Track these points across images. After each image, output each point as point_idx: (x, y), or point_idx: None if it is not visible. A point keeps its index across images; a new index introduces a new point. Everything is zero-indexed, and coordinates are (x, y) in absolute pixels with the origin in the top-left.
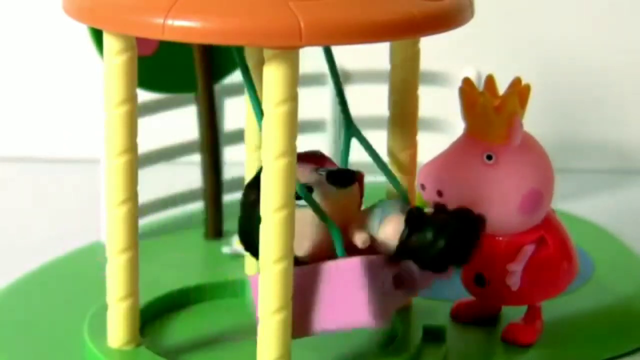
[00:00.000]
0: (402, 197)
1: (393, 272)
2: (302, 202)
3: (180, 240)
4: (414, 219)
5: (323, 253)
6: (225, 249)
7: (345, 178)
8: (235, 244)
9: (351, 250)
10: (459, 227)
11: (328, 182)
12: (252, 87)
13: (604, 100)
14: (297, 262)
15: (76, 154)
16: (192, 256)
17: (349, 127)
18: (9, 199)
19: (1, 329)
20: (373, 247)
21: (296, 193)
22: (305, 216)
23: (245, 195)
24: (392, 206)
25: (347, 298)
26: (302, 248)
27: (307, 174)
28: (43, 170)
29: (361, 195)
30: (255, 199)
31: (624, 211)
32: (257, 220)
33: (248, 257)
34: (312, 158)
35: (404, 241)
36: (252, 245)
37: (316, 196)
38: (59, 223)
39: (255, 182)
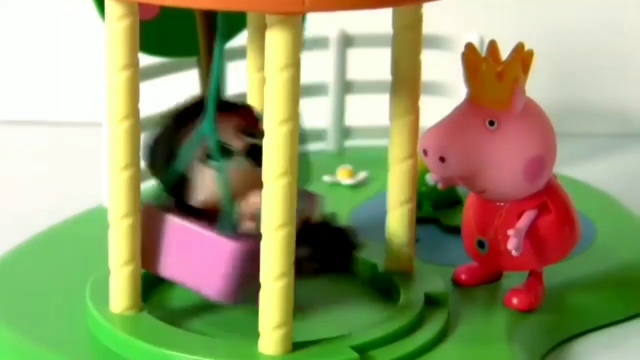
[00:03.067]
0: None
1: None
2: (216, 164)
3: None
4: (301, 233)
5: (215, 209)
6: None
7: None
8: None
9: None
10: (332, 251)
11: (248, 155)
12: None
13: (605, 66)
14: (191, 209)
15: (80, 117)
16: None
17: None
18: (12, 163)
19: (4, 294)
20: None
21: (212, 154)
22: (211, 177)
23: (172, 119)
24: None
25: (210, 269)
26: (196, 200)
27: (232, 134)
28: (46, 133)
29: None
30: (176, 130)
31: (625, 175)
32: (167, 148)
33: None
34: (244, 113)
35: None
36: (154, 162)
37: (229, 163)
38: (62, 187)
39: (186, 112)
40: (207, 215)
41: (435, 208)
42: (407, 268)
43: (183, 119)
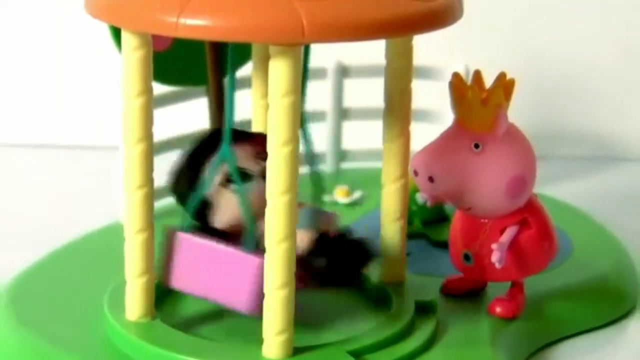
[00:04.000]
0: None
1: None
2: (235, 187)
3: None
4: (320, 243)
5: (238, 229)
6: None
7: None
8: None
9: (261, 239)
10: (350, 260)
11: (264, 177)
12: (233, 78)
13: (582, 93)
14: (214, 231)
15: (97, 141)
16: None
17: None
18: (37, 183)
19: (29, 301)
20: None
21: (232, 177)
22: (233, 199)
23: (191, 151)
24: (308, 218)
25: (237, 284)
26: (219, 222)
27: (249, 159)
28: (67, 156)
29: None
30: (198, 160)
31: (599, 195)
32: (191, 177)
33: None
34: (257, 140)
35: (305, 257)
36: (179, 193)
37: (249, 186)
38: (81, 204)
39: (204, 144)
40: (230, 236)
41: (425, 224)
42: (399, 278)
43: (203, 148)
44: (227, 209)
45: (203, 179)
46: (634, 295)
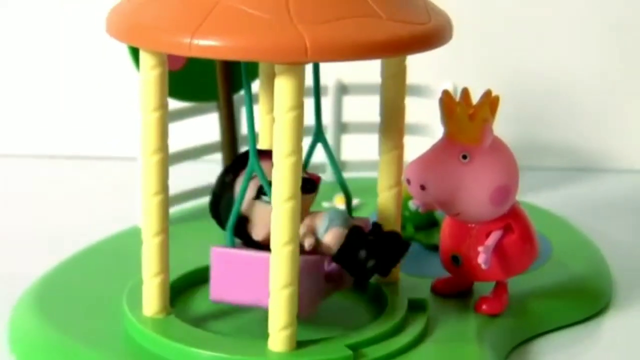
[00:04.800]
0: (346, 207)
1: (327, 270)
2: (267, 198)
3: (204, 225)
4: (354, 236)
5: None
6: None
7: (309, 186)
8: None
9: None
10: (387, 251)
11: None
12: (250, 99)
13: (562, 108)
14: (256, 244)
15: (117, 152)
16: (214, 238)
17: (318, 134)
18: (61, 191)
19: (55, 299)
20: (315, 248)
21: (263, 189)
22: (268, 210)
23: (222, 175)
24: (338, 218)
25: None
26: (260, 235)
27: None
28: (90, 166)
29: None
30: (230, 182)
31: (578, 203)
32: (227, 198)
33: None
34: None
35: (341, 253)
36: (219, 217)
37: None
38: (103, 210)
39: (233, 166)
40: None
41: (417, 229)
42: (393, 279)
43: (230, 171)
44: (263, 221)
45: (235, 197)
46: (608, 294)
